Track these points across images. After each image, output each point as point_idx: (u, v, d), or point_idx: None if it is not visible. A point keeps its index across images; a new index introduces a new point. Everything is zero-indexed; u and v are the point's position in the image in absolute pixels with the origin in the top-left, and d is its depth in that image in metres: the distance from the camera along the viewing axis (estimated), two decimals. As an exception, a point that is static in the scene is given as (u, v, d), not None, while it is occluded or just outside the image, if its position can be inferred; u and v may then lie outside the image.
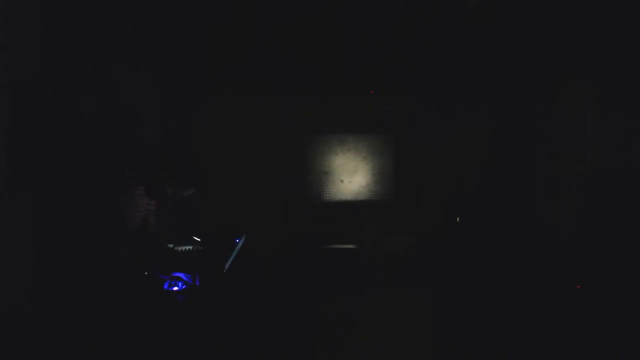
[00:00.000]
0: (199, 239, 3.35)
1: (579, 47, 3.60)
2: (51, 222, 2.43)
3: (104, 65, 3.20)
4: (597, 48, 3.57)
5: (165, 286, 2.61)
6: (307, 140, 5.14)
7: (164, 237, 3.13)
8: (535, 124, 4.65)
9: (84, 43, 2.94)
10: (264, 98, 5.00)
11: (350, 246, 4.67)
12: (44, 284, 2.35)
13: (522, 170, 4.85)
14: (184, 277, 2.62)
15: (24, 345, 2.12)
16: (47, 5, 2.45)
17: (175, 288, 2.61)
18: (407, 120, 5.24)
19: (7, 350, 2.01)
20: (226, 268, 2.87)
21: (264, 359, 2.87)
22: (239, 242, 3.47)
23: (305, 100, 5.06)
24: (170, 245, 3.15)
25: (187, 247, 3.16)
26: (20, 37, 2.19)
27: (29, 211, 2.25)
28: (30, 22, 2.29)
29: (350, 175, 5.18)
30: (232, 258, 3.05)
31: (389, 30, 3.18)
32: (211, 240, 3.37)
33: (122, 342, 2.46)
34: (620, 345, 2.84)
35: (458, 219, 5.05)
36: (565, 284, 3.88)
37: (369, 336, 3.16)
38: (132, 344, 2.46)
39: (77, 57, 2.82)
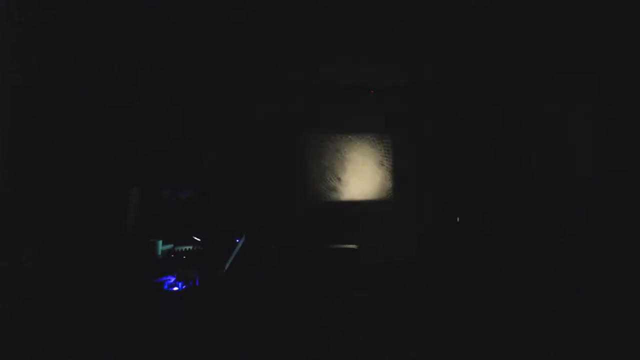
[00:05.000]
0: (199, 239, 3.35)
1: (580, 47, 3.60)
2: (50, 223, 2.43)
3: (104, 66, 3.20)
4: (598, 48, 3.57)
5: (166, 286, 2.61)
6: (306, 140, 5.14)
7: (162, 238, 3.12)
8: (534, 125, 4.66)
9: (84, 43, 2.94)
10: (264, 98, 5.00)
11: (350, 246, 4.67)
12: (44, 285, 2.35)
13: (521, 170, 4.85)
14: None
15: (24, 345, 2.12)
16: (48, 6, 2.45)
17: (175, 288, 2.61)
18: (406, 120, 5.24)
19: (8, 350, 2.01)
20: (226, 268, 2.87)
21: (262, 359, 2.86)
22: (239, 242, 3.47)
23: (305, 100, 5.07)
24: (170, 246, 3.15)
25: (187, 247, 3.16)
26: (21, 38, 2.19)
27: (29, 211, 2.25)
28: (31, 22, 2.29)
29: (350, 175, 5.18)
30: (232, 258, 3.04)
31: (389, 30, 3.18)
32: (211, 240, 3.37)
33: (122, 342, 2.46)
34: (620, 347, 2.84)
35: (458, 219, 5.05)
36: (565, 284, 3.88)
37: (368, 336, 3.16)
38: (131, 343, 2.46)
39: (77, 57, 2.82)
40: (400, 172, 5.22)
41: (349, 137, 5.18)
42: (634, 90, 3.34)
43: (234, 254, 3.13)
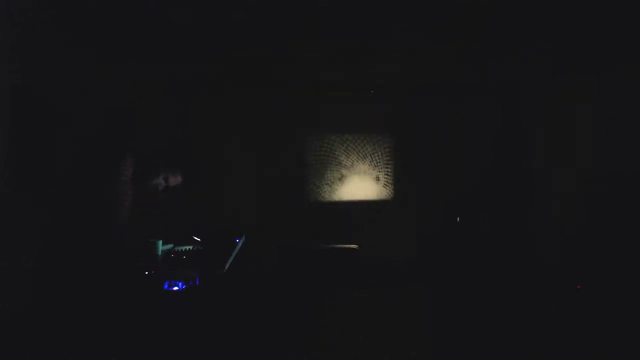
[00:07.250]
0: (199, 239, 3.35)
1: (580, 47, 3.60)
2: (50, 223, 2.43)
3: (104, 66, 3.20)
4: (598, 48, 3.57)
5: (165, 286, 2.61)
6: (306, 140, 5.14)
7: (162, 238, 3.12)
8: (534, 125, 4.65)
9: (84, 43, 2.94)
10: (264, 98, 5.00)
11: (350, 246, 4.66)
12: (44, 285, 2.35)
13: (521, 170, 4.85)
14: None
15: (24, 345, 2.12)
16: (48, 6, 2.45)
17: (175, 288, 2.61)
18: (407, 120, 5.24)
19: (8, 350, 2.01)
20: (226, 268, 2.87)
21: (262, 359, 2.86)
22: (239, 242, 3.48)
23: (305, 100, 5.07)
24: (170, 246, 3.15)
25: (187, 247, 3.16)
26: (21, 38, 2.19)
27: (29, 211, 2.25)
28: (31, 22, 2.28)
29: (351, 175, 5.18)
30: (232, 258, 3.05)
31: (389, 30, 3.18)
32: (211, 240, 3.37)
33: (122, 342, 2.46)
34: (620, 347, 2.84)
35: (458, 219, 5.05)
36: (565, 284, 3.88)
37: (368, 336, 3.16)
38: (131, 343, 2.46)
39: (77, 58, 2.82)
40: (400, 172, 5.22)
41: (349, 137, 5.19)
42: (634, 90, 3.34)
43: (234, 254, 3.13)
